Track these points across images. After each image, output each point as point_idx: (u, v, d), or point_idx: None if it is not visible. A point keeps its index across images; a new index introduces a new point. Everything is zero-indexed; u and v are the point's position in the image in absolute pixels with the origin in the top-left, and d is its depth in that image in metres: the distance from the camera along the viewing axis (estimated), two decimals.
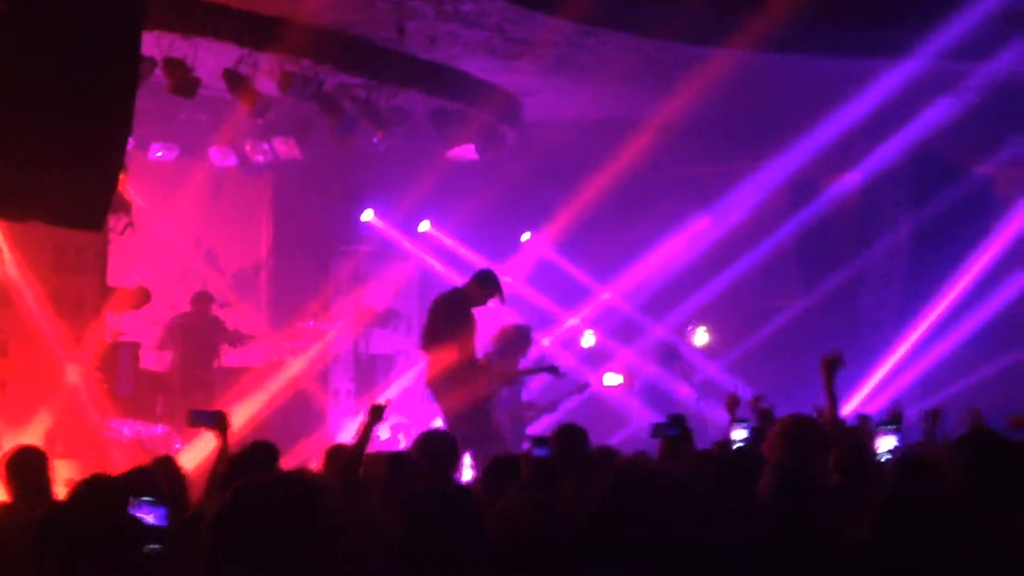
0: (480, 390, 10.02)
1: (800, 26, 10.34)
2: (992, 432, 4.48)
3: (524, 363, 11.75)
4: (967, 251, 13.46)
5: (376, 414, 6.10)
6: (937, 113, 12.41)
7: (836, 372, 6.67)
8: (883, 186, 14.07)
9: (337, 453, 6.14)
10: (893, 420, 6.48)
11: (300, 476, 2.57)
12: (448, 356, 9.74)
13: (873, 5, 10.55)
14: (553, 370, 12.01)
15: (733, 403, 7.55)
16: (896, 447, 5.95)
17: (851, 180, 14.32)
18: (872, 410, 10.65)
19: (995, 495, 4.04)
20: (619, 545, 3.33)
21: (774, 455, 5.27)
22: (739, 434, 6.56)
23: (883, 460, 5.77)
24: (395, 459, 5.14)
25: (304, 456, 10.06)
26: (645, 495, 3.37)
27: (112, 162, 7.62)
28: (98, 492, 3.97)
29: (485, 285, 10.17)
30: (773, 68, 11.53)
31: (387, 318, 14.01)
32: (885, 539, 3.39)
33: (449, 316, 9.99)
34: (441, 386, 9.81)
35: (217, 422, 6.19)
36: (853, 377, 12.80)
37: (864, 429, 7.16)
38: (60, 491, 5.88)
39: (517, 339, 11.37)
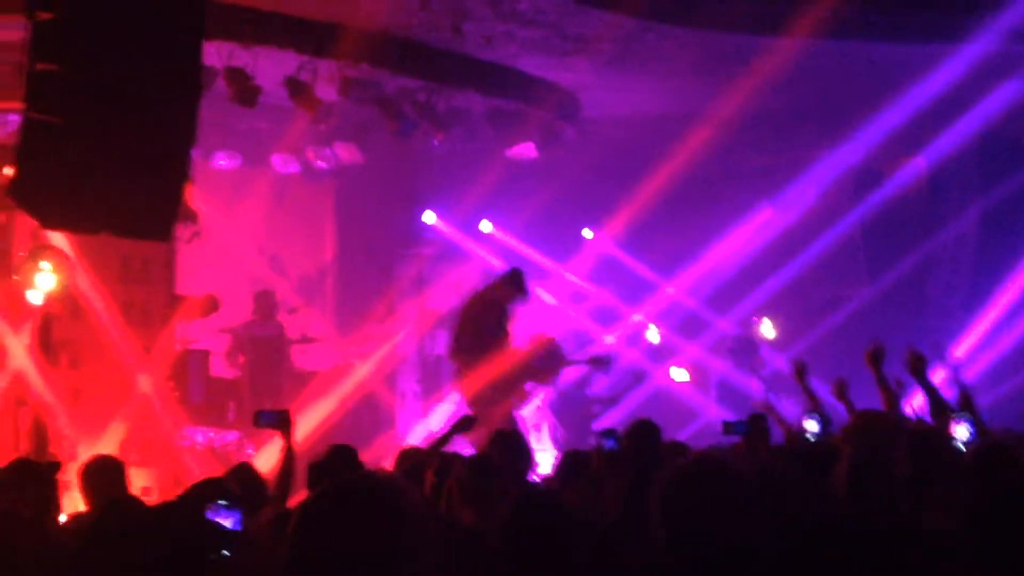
0: (523, 393, 10.00)
1: (858, 11, 10.22)
2: None
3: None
4: None
5: (463, 426, 6.06)
6: (1004, 95, 12.18)
7: (881, 364, 6.65)
8: (950, 171, 13.81)
9: (410, 455, 6.15)
10: (965, 407, 6.40)
11: (390, 475, 2.56)
12: (487, 370, 9.66)
13: None
14: (599, 362, 11.93)
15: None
16: (971, 436, 5.85)
17: (917, 166, 14.08)
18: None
19: None
20: (686, 540, 3.30)
21: (849, 448, 5.21)
22: (811, 426, 6.54)
23: (960, 448, 5.68)
24: (476, 461, 5.10)
25: (374, 458, 10.11)
26: (712, 490, 3.35)
27: (178, 172, 7.69)
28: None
29: (513, 285, 10.15)
30: (833, 56, 11.38)
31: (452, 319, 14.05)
32: (975, 532, 3.32)
33: (482, 324, 9.90)
34: (487, 402, 9.71)
35: (281, 422, 6.16)
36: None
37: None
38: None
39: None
